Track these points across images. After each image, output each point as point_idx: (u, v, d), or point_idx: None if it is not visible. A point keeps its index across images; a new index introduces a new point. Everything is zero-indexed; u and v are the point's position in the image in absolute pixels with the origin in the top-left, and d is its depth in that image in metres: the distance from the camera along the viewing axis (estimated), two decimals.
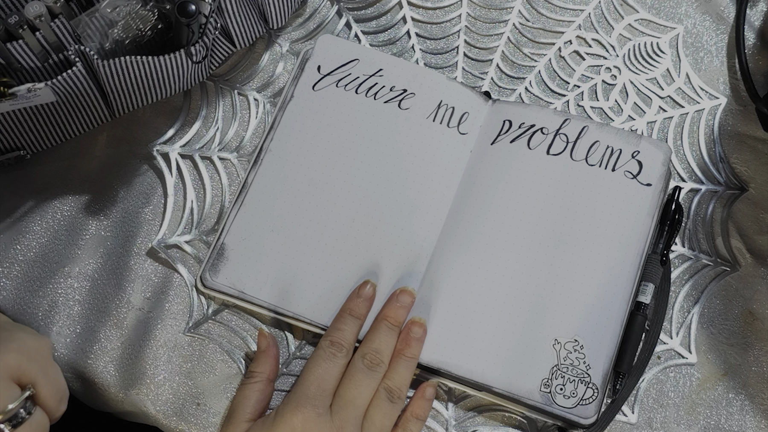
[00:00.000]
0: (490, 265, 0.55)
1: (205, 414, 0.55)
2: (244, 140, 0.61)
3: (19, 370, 0.45)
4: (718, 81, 0.63)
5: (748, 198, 0.60)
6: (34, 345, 0.47)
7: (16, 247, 0.58)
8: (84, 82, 0.51)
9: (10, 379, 0.44)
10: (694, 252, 0.59)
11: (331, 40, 0.61)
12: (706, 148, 0.61)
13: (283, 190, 0.57)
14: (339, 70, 0.60)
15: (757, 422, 0.55)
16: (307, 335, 0.57)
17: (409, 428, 0.52)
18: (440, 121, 0.59)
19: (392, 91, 0.59)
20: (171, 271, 0.58)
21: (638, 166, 0.57)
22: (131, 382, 0.55)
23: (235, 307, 0.57)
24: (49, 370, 0.47)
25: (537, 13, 0.64)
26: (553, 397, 0.52)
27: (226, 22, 0.56)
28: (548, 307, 0.54)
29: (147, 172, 0.60)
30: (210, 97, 0.61)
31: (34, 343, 0.48)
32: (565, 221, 0.56)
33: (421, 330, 0.53)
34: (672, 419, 0.56)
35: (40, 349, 0.48)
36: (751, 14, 0.65)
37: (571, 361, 0.53)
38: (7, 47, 0.50)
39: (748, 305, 0.58)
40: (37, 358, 0.46)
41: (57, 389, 0.47)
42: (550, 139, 0.58)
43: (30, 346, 0.47)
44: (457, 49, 0.63)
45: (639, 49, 0.63)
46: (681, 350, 0.57)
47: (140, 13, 0.52)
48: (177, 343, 0.56)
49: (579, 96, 0.62)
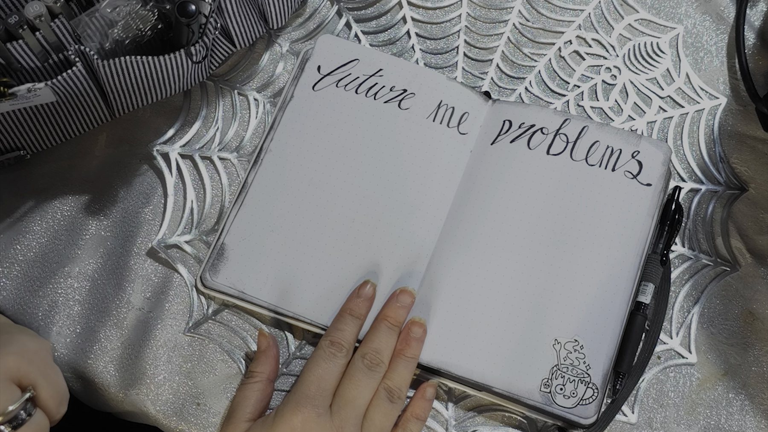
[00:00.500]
0: (490, 265, 0.55)
1: (205, 414, 0.55)
2: (244, 140, 0.61)
3: (19, 372, 0.45)
4: (718, 81, 0.63)
5: (748, 198, 0.60)
6: (34, 347, 0.47)
7: (16, 247, 0.58)
8: (84, 82, 0.51)
9: (11, 381, 0.44)
10: (694, 252, 0.59)
11: (331, 40, 0.61)
12: (706, 148, 0.61)
13: (283, 191, 0.57)
14: (339, 70, 0.60)
15: (757, 422, 0.55)
16: (307, 335, 0.57)
17: (409, 428, 0.52)
18: (440, 121, 0.59)
19: (392, 91, 0.59)
20: (171, 271, 0.58)
21: (638, 166, 0.57)
22: (131, 382, 0.55)
23: (235, 307, 0.57)
24: (50, 372, 0.47)
25: (537, 13, 0.64)
26: (553, 397, 0.52)
27: (226, 22, 0.56)
28: (548, 307, 0.54)
29: (147, 172, 0.60)
30: (210, 97, 0.61)
31: (34, 346, 0.48)
32: (565, 221, 0.56)
33: (421, 330, 0.53)
34: (672, 419, 0.56)
35: (40, 352, 0.48)
36: (751, 14, 0.65)
37: (571, 361, 0.53)
38: (7, 47, 0.50)
39: (748, 305, 0.58)
40: (37, 360, 0.46)
41: (57, 391, 0.47)
42: (550, 139, 0.58)
43: (30, 349, 0.47)
44: (457, 49, 0.63)
45: (639, 49, 0.63)
46: (681, 350, 0.57)
47: (140, 13, 0.52)
48: (177, 343, 0.56)
49: (579, 96, 0.62)
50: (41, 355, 0.47)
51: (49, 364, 0.48)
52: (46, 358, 0.48)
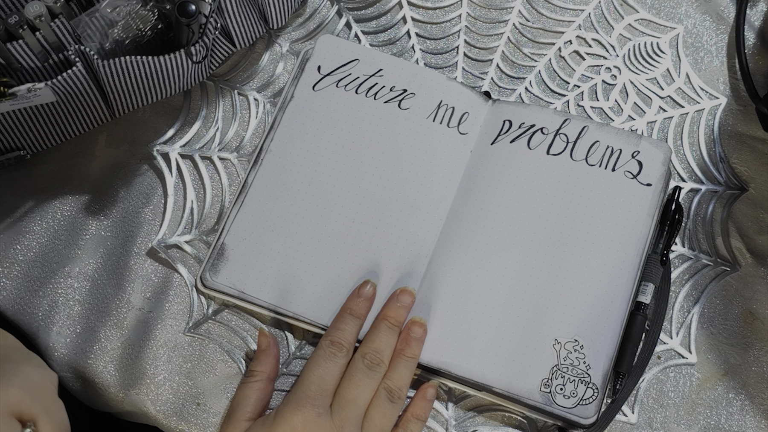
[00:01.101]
0: (490, 265, 0.55)
1: (205, 414, 0.55)
2: (244, 140, 0.61)
3: (20, 407, 0.44)
4: (718, 81, 0.63)
5: (748, 198, 0.60)
6: (38, 380, 0.46)
7: (16, 247, 0.58)
8: (84, 82, 0.51)
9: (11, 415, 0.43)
10: (694, 252, 0.59)
11: (331, 41, 0.61)
12: (706, 148, 0.61)
13: (284, 191, 0.57)
14: (339, 70, 0.60)
15: (757, 422, 0.55)
16: (308, 335, 0.57)
17: (409, 428, 0.52)
18: (440, 121, 0.59)
19: (392, 91, 0.59)
20: (171, 271, 0.58)
21: (638, 166, 0.57)
22: (131, 382, 0.55)
23: (235, 307, 0.57)
24: (52, 407, 0.46)
25: (537, 13, 0.64)
26: (553, 397, 0.52)
27: (226, 22, 0.56)
28: (548, 306, 0.54)
29: (147, 172, 0.60)
30: (210, 97, 0.61)
31: (38, 378, 0.46)
32: (564, 221, 0.56)
33: (421, 330, 0.53)
34: (672, 419, 0.56)
35: (44, 385, 0.46)
36: (751, 14, 0.65)
37: (571, 361, 0.53)
38: (7, 47, 0.50)
39: (748, 305, 0.58)
40: (40, 394, 0.45)
41: (58, 427, 0.45)
42: (550, 139, 0.58)
43: (34, 381, 0.46)
44: (457, 49, 0.63)
45: (639, 49, 0.63)
46: (681, 350, 0.57)
47: (140, 13, 0.52)
48: (177, 343, 0.56)
49: (579, 96, 0.62)
50: (45, 389, 0.46)
51: (52, 398, 0.46)
52: (50, 392, 0.47)
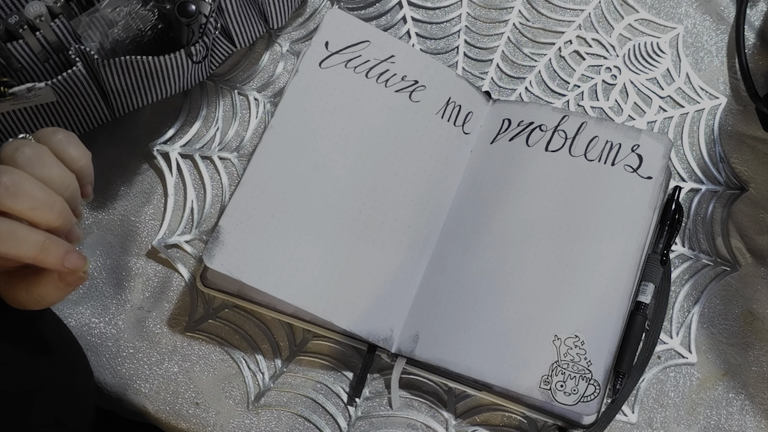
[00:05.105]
0: (489, 261, 0.55)
1: (205, 414, 0.55)
2: (245, 140, 0.61)
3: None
4: (718, 81, 0.63)
5: (748, 198, 0.60)
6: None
7: None
8: (84, 82, 0.51)
9: None
10: (694, 252, 0.59)
11: (341, 15, 0.58)
12: (706, 148, 0.61)
13: (285, 171, 0.54)
14: (349, 50, 0.57)
15: (757, 422, 0.55)
16: (308, 334, 0.57)
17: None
18: (448, 118, 0.58)
19: (404, 81, 0.58)
20: (171, 271, 0.58)
21: (638, 159, 0.56)
22: (131, 381, 0.55)
23: (235, 306, 0.57)
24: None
25: (537, 13, 0.64)
26: (553, 394, 0.51)
27: (226, 22, 0.56)
28: (547, 302, 0.53)
29: (147, 172, 0.60)
30: (210, 97, 0.61)
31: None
32: (564, 216, 0.55)
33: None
34: (672, 419, 0.55)
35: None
36: (751, 14, 0.65)
37: (571, 358, 0.52)
38: (7, 47, 0.50)
39: (748, 305, 0.58)
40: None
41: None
42: (549, 136, 0.57)
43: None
44: (457, 49, 0.63)
45: (639, 49, 0.63)
46: (681, 350, 0.57)
47: (140, 13, 0.52)
48: (176, 342, 0.56)
49: (579, 96, 0.62)
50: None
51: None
52: None
